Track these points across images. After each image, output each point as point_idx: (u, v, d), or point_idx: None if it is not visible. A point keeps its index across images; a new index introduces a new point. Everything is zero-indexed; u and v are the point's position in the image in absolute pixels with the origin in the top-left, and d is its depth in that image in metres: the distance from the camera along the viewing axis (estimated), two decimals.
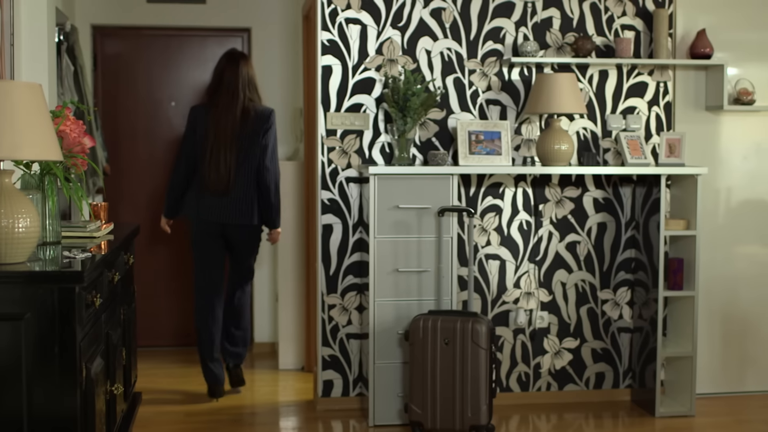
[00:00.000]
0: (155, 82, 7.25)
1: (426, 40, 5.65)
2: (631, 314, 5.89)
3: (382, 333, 5.35)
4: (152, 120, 7.26)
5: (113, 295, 3.82)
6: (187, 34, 7.27)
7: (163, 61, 7.25)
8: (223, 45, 7.28)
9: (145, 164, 7.26)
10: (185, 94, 7.27)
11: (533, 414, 5.64)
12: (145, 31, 7.23)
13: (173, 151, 7.26)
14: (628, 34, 5.80)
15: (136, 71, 7.24)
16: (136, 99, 7.25)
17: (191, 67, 7.29)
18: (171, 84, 7.27)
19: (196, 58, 7.30)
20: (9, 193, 3.10)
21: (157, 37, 7.24)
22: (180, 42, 7.27)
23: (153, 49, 7.25)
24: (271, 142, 5.81)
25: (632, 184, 5.85)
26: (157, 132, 7.27)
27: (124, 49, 7.24)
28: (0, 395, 2.93)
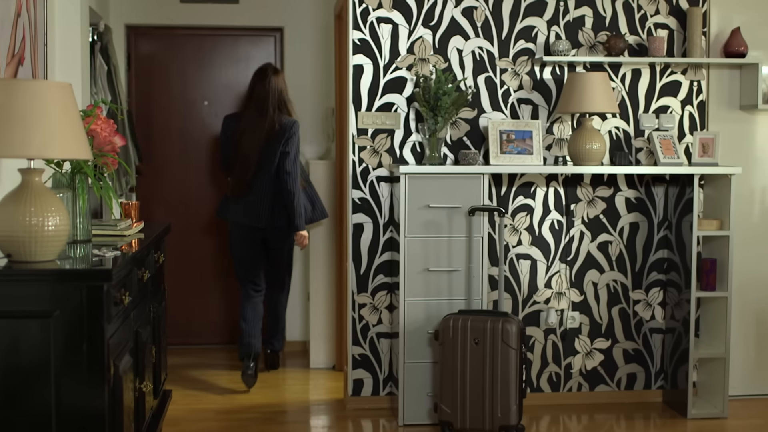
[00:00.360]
0: (188, 81, 7.29)
1: (457, 39, 5.64)
2: (664, 315, 5.85)
3: (412, 332, 5.35)
4: (185, 119, 7.29)
5: (143, 293, 3.85)
6: (220, 33, 7.30)
7: (196, 61, 7.29)
8: (256, 45, 7.31)
9: (178, 163, 7.30)
10: (218, 93, 7.30)
11: (564, 414, 5.61)
12: (178, 31, 7.26)
13: (206, 150, 7.30)
14: (661, 33, 5.76)
15: (169, 71, 7.28)
16: (169, 98, 7.29)
17: (224, 66, 7.32)
18: (204, 84, 7.30)
19: (228, 57, 7.32)
20: (39, 192, 3.12)
21: (191, 37, 7.28)
22: (213, 42, 7.30)
23: (186, 48, 7.29)
24: (293, 150, 6.08)
25: (665, 184, 5.81)
26: (190, 131, 7.30)
27: (157, 49, 7.28)
28: (29, 392, 2.96)
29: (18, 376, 2.95)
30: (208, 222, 7.31)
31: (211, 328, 7.39)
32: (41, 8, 4.66)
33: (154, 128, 7.26)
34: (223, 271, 7.34)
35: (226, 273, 7.32)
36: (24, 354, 2.95)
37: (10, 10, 4.03)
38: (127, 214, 4.39)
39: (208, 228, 7.31)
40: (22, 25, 4.25)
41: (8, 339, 2.95)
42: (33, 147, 3.01)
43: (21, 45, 4.22)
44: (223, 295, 7.36)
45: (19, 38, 4.20)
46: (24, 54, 4.28)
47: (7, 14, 3.98)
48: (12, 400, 2.95)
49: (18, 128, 2.99)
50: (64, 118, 3.09)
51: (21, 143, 2.99)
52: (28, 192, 3.11)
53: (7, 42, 3.98)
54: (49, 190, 3.17)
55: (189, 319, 7.33)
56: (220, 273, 7.34)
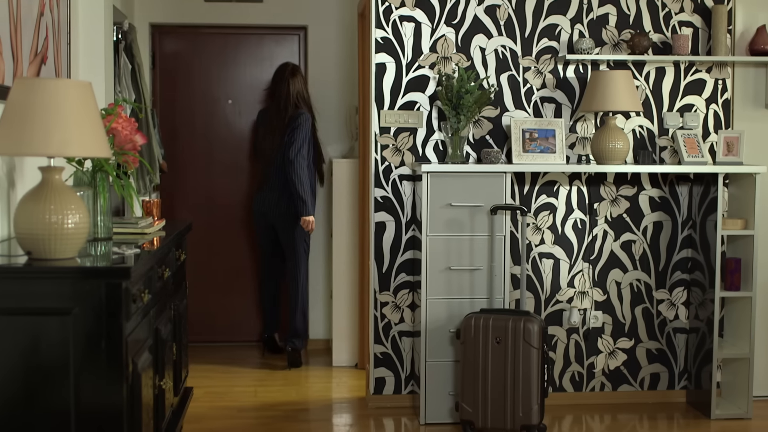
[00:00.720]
0: (212, 80, 7.31)
1: (480, 38, 5.63)
2: (687, 315, 5.81)
3: (434, 331, 5.35)
4: (209, 118, 7.32)
5: (163, 290, 3.86)
6: (245, 32, 7.32)
7: (221, 60, 7.31)
8: (280, 43, 7.32)
9: (202, 162, 7.32)
10: (242, 92, 7.32)
11: (586, 414, 5.59)
12: (202, 30, 7.29)
13: (230, 148, 7.32)
14: (685, 31, 5.72)
15: (193, 69, 7.30)
16: (193, 97, 7.31)
17: (248, 65, 7.33)
18: (228, 82, 7.32)
19: (252, 56, 7.34)
20: (59, 190, 3.14)
21: (215, 36, 7.30)
22: (237, 40, 7.32)
23: (210, 47, 7.31)
24: (297, 140, 6.52)
25: (689, 183, 5.77)
26: (214, 130, 7.32)
27: (182, 48, 7.31)
28: (48, 388, 2.98)
29: (37, 372, 2.97)
30: (232, 220, 7.33)
31: (235, 326, 7.41)
32: (64, 7, 4.70)
33: (178, 127, 7.29)
34: (248, 269, 7.36)
35: (250, 271, 7.34)
36: (43, 351, 2.97)
37: (32, 10, 4.06)
38: (148, 212, 4.41)
39: (232, 226, 7.33)
40: (45, 25, 4.28)
41: (28, 336, 2.97)
42: (53, 145, 3.03)
43: (44, 44, 4.26)
44: (247, 294, 7.38)
45: (42, 37, 4.23)
46: (47, 53, 4.31)
47: (29, 14, 4.00)
48: (31, 396, 2.98)
49: (38, 127, 3.01)
50: (84, 116, 3.11)
51: (41, 141, 3.01)
52: (48, 190, 3.13)
53: (30, 41, 4.01)
54: (69, 188, 3.19)
55: (213, 317, 7.35)
56: (245, 271, 7.36)
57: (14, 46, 3.78)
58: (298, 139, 6.50)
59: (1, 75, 3.62)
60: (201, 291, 7.23)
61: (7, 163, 3.70)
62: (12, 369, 2.97)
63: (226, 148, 7.32)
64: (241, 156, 7.32)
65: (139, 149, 3.88)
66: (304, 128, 6.54)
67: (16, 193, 3.78)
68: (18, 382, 2.97)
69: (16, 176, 3.80)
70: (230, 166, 7.33)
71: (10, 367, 2.97)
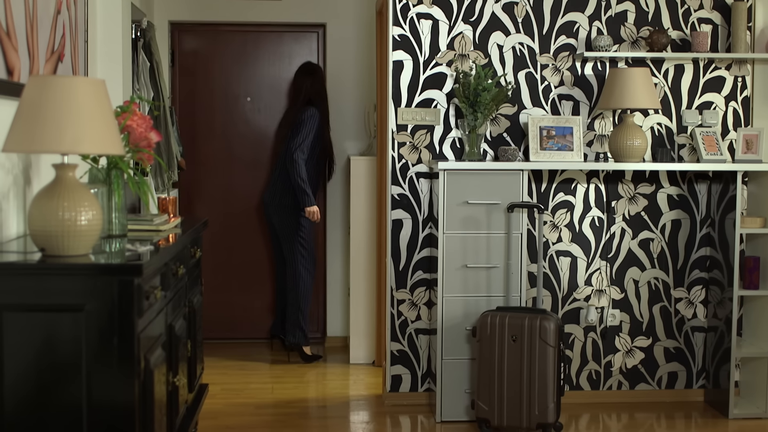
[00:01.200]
0: (231, 78, 7.33)
1: (498, 35, 5.61)
2: (706, 313, 5.78)
3: (450, 329, 5.34)
4: (228, 115, 7.33)
5: (177, 287, 3.87)
6: (264, 30, 7.33)
7: (240, 57, 7.32)
8: (299, 41, 7.33)
9: (220, 159, 7.34)
10: (261, 89, 7.33)
11: (603, 413, 5.57)
12: (221, 28, 7.30)
13: (249, 146, 7.34)
14: (705, 28, 5.68)
15: (212, 67, 7.32)
16: (212, 95, 7.33)
17: (267, 63, 7.34)
18: (247, 80, 7.34)
19: (271, 54, 7.35)
20: (72, 187, 3.15)
21: (234, 33, 7.31)
22: (256, 38, 7.33)
23: (229, 45, 7.32)
24: (299, 134, 6.63)
25: (708, 181, 5.74)
26: (233, 127, 7.34)
27: (201, 46, 7.33)
28: (60, 385, 2.99)
29: (50, 369, 2.98)
30: (250, 217, 7.35)
31: (253, 323, 7.42)
32: (82, 6, 4.72)
33: (197, 124, 7.31)
34: (265, 266, 7.37)
35: (268, 268, 7.36)
36: (56, 347, 2.98)
37: (49, 8, 4.08)
38: (163, 209, 4.43)
39: (250, 223, 7.35)
40: (62, 23, 4.30)
41: (41, 332, 2.98)
42: (65, 142, 3.04)
43: (61, 42, 4.28)
44: (265, 291, 7.39)
45: (59, 35, 4.25)
46: (64, 51, 4.33)
47: (46, 11, 4.03)
48: (44, 392, 2.99)
49: (51, 124, 3.03)
50: (97, 113, 3.12)
51: (53, 139, 3.02)
52: (61, 187, 3.14)
53: (47, 39, 4.04)
54: (82, 185, 3.20)
55: (230, 314, 7.37)
56: (262, 268, 7.37)
57: (30, 44, 3.80)
58: (300, 133, 6.62)
59: (18, 73, 3.64)
60: (219, 288, 7.26)
61: (23, 161, 3.72)
62: (25, 365, 2.98)
63: (245, 145, 7.34)
64: (260, 153, 7.34)
65: (154, 147, 3.89)
66: (308, 124, 6.64)
67: (32, 191, 3.80)
68: (31, 378, 2.98)
69: (32, 173, 3.82)
70: (249, 164, 7.35)
71: (24, 363, 2.98)
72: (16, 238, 3.58)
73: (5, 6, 3.49)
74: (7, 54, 3.52)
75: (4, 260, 3.09)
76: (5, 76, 3.50)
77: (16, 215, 3.63)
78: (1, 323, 2.97)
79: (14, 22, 3.59)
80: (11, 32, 3.56)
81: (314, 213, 6.64)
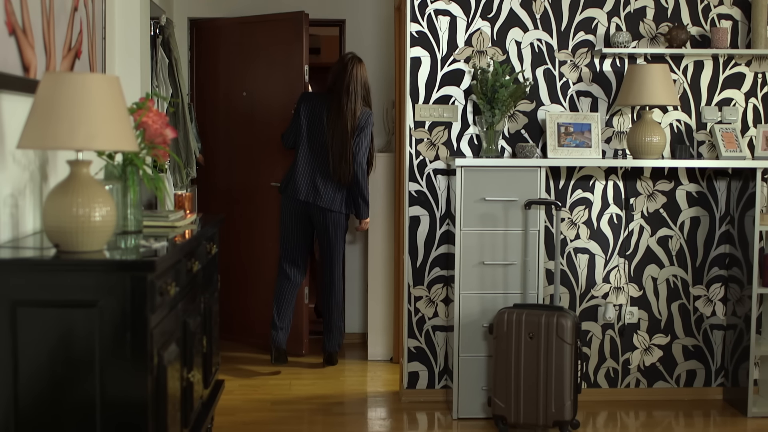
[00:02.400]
0: (248, 73, 7.33)
1: (516, 31, 5.60)
2: (725, 311, 5.75)
3: (467, 326, 5.33)
4: (246, 111, 7.33)
5: (192, 283, 3.88)
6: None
7: (259, 53, 7.32)
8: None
9: (239, 155, 7.34)
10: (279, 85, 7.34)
11: (621, 411, 5.55)
12: (241, 24, 7.30)
13: (264, 141, 7.33)
14: (724, 24, 5.65)
15: (229, 63, 7.32)
16: (231, 91, 7.33)
17: (287, 59, 7.34)
18: (263, 77, 7.34)
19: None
20: (86, 183, 3.17)
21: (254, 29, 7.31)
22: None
23: (249, 41, 7.32)
24: (365, 142, 6.32)
25: (727, 178, 5.70)
26: (252, 124, 7.34)
27: (220, 42, 7.33)
28: (74, 380, 3.01)
29: (63, 364, 3.00)
30: (270, 214, 7.34)
31: (270, 321, 7.41)
32: (99, 2, 4.73)
33: (215, 121, 7.32)
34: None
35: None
36: (69, 343, 3.00)
37: (66, 4, 4.09)
38: (179, 206, 4.44)
39: (270, 220, 7.35)
40: (80, 19, 4.32)
41: (55, 328, 3.00)
42: (79, 139, 3.05)
43: (78, 39, 4.29)
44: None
45: (76, 32, 4.27)
46: (81, 48, 4.35)
47: (63, 8, 4.04)
48: (57, 388, 3.01)
49: (64, 120, 3.04)
50: (111, 110, 3.13)
51: (67, 135, 3.04)
52: (75, 183, 3.16)
53: (64, 36, 4.05)
54: (96, 181, 3.21)
55: (248, 311, 7.37)
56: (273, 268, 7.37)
57: (47, 41, 3.82)
58: (365, 140, 6.30)
59: (34, 69, 3.66)
60: (238, 286, 7.26)
61: (40, 157, 3.74)
62: (39, 360, 3.00)
63: (264, 141, 7.34)
64: (281, 150, 7.33)
65: (169, 143, 3.90)
66: (370, 129, 6.33)
67: (48, 187, 3.82)
68: (44, 374, 3.00)
69: (49, 170, 3.84)
70: (269, 161, 7.34)
71: (38, 358, 3.00)
72: (32, 234, 3.60)
73: (22, 2, 3.51)
74: (23, 51, 3.54)
75: (19, 256, 3.11)
76: (21, 73, 3.52)
77: (33, 211, 3.65)
78: (16, 318, 2.99)
79: (30, 18, 3.61)
80: (27, 29, 3.58)
81: (368, 224, 6.59)
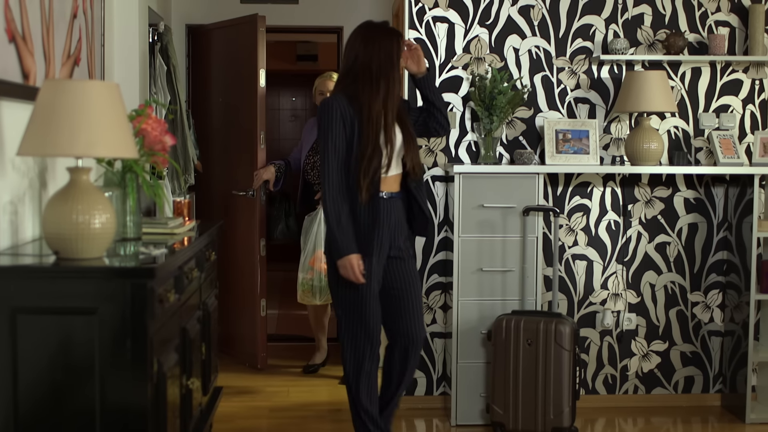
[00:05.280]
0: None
1: (514, 38, 5.60)
2: (722, 317, 5.75)
3: (465, 332, 5.34)
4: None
5: (191, 290, 3.88)
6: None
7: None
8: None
9: (236, 162, 7.34)
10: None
11: (619, 417, 5.55)
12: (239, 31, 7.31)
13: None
14: (722, 31, 5.66)
15: (229, 70, 7.32)
16: (228, 97, 7.33)
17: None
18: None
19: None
20: (86, 190, 3.17)
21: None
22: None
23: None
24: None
25: (725, 184, 5.71)
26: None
27: (218, 49, 7.33)
28: (74, 388, 3.00)
29: (63, 371, 3.00)
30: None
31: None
32: (98, 9, 4.74)
33: (213, 128, 7.32)
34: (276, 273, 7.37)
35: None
36: (69, 350, 3.00)
37: (65, 11, 4.10)
38: (178, 213, 4.44)
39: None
40: (79, 26, 4.32)
41: (55, 335, 3.00)
42: (79, 146, 3.05)
43: (77, 46, 4.30)
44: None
45: (75, 39, 4.27)
46: (80, 55, 4.35)
47: (62, 15, 4.05)
48: (57, 395, 3.01)
49: (65, 127, 3.04)
50: (111, 117, 3.13)
51: (67, 142, 3.04)
52: (75, 190, 3.16)
53: (63, 42, 4.05)
54: (96, 189, 3.21)
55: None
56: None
57: (46, 48, 3.82)
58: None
59: (33, 76, 3.66)
60: (236, 292, 7.25)
61: (39, 164, 3.74)
62: (39, 367, 3.00)
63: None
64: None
65: (168, 150, 3.90)
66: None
67: (47, 194, 3.82)
68: (45, 381, 3.00)
69: (48, 177, 3.84)
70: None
71: (37, 365, 3.00)
72: (32, 241, 3.60)
73: (21, 10, 3.51)
74: (23, 58, 3.54)
75: (19, 263, 3.11)
76: (21, 80, 3.52)
77: (32, 218, 3.65)
78: (16, 326, 2.99)
79: (30, 26, 3.61)
80: (27, 36, 3.58)
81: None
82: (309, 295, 6.28)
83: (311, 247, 6.26)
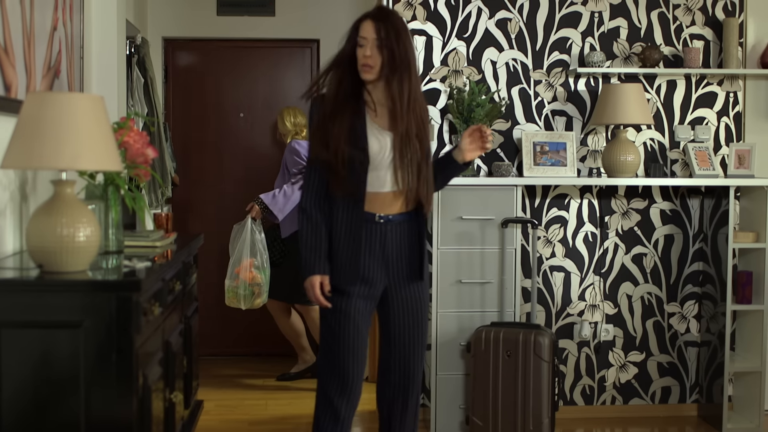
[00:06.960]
0: (224, 93, 7.34)
1: (491, 51, 5.63)
2: (699, 328, 5.80)
3: (444, 344, 5.35)
4: (221, 131, 7.34)
5: (174, 303, 3.87)
6: (257, 46, 7.35)
7: (233, 73, 7.33)
8: (292, 56, 7.35)
9: (213, 175, 7.34)
10: (254, 105, 7.34)
11: (597, 428, 5.58)
12: (214, 44, 7.32)
13: (241, 161, 7.33)
14: (697, 44, 5.72)
15: (206, 83, 7.33)
16: (205, 110, 7.34)
17: (260, 78, 7.36)
18: (240, 95, 7.35)
19: (264, 69, 7.36)
20: (70, 204, 3.16)
21: (227, 49, 7.33)
22: (249, 54, 7.35)
23: (222, 61, 7.33)
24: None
25: (700, 196, 5.76)
26: (226, 143, 7.34)
27: (194, 62, 7.34)
28: (59, 401, 2.99)
29: (48, 385, 2.98)
30: None
31: (246, 339, 7.41)
32: (78, 22, 4.72)
33: (190, 140, 7.31)
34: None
35: None
36: (54, 364, 2.98)
37: (46, 24, 4.08)
38: (159, 225, 4.43)
39: None
40: (59, 39, 4.31)
41: (39, 348, 2.98)
42: (64, 159, 3.04)
43: (57, 58, 4.28)
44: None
45: (56, 51, 4.25)
46: (60, 67, 4.34)
47: (43, 27, 4.03)
48: (42, 409, 2.98)
49: (49, 140, 3.03)
50: (95, 130, 3.12)
51: (52, 155, 3.03)
52: (60, 203, 3.14)
53: (43, 55, 4.04)
54: (80, 202, 3.20)
55: (224, 329, 7.35)
56: None
57: (27, 60, 3.80)
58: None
59: (15, 89, 3.65)
60: (213, 303, 7.23)
61: (20, 177, 3.72)
62: (23, 381, 2.98)
63: (237, 161, 7.34)
64: (252, 169, 7.33)
65: (150, 163, 3.89)
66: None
67: (28, 207, 3.80)
68: (29, 395, 2.98)
69: (28, 190, 3.82)
70: (241, 180, 7.35)
71: (21, 379, 2.98)
72: (13, 255, 3.58)
73: (3, 23, 3.50)
74: (4, 70, 3.53)
75: (2, 277, 3.09)
76: (3, 93, 3.51)
77: (13, 231, 3.63)
78: (0, 340, 2.97)
79: (12, 38, 3.60)
80: (9, 48, 3.57)
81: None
82: (234, 301, 6.23)
83: (238, 256, 6.20)
